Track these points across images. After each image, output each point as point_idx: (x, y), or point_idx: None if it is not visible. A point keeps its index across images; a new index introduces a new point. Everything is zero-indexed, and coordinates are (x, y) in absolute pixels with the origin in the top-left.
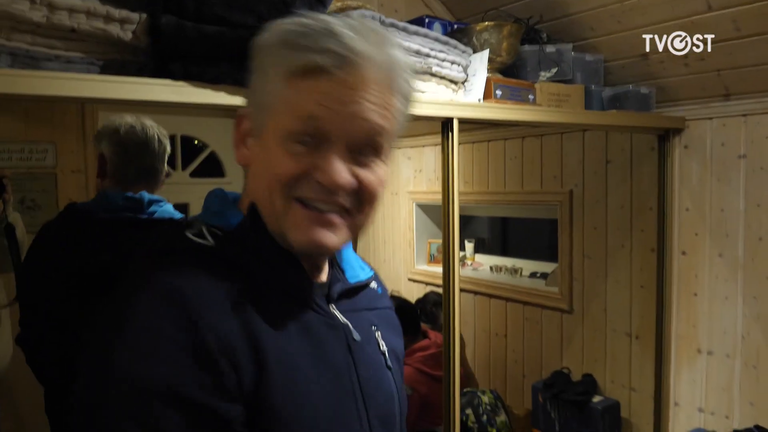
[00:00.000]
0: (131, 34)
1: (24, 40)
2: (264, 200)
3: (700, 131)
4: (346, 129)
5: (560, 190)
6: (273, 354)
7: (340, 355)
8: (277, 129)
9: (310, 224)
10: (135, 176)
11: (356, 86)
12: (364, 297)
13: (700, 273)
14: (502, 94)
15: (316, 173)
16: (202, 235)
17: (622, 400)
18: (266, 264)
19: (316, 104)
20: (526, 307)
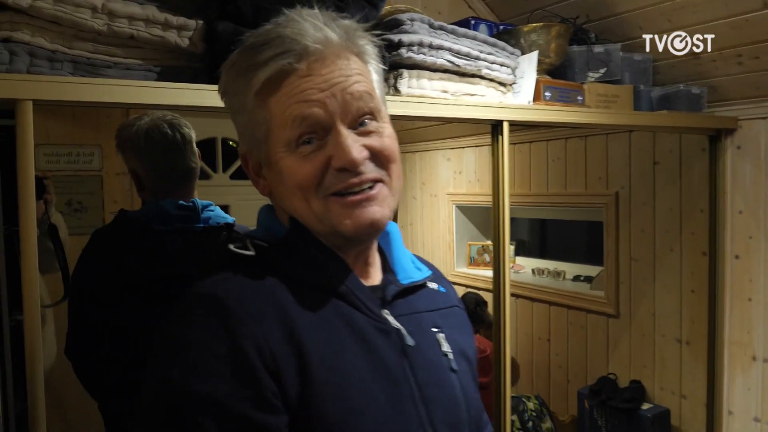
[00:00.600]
0: (188, 40)
1: (85, 48)
2: (302, 210)
3: (754, 131)
4: (336, 109)
5: (606, 192)
6: (321, 361)
7: (395, 360)
8: (279, 144)
9: (353, 209)
10: (175, 184)
11: (323, 69)
12: (423, 298)
13: (755, 277)
14: (551, 96)
15: (334, 162)
16: (245, 247)
17: (672, 407)
18: (313, 269)
19: (299, 103)
20: (570, 311)
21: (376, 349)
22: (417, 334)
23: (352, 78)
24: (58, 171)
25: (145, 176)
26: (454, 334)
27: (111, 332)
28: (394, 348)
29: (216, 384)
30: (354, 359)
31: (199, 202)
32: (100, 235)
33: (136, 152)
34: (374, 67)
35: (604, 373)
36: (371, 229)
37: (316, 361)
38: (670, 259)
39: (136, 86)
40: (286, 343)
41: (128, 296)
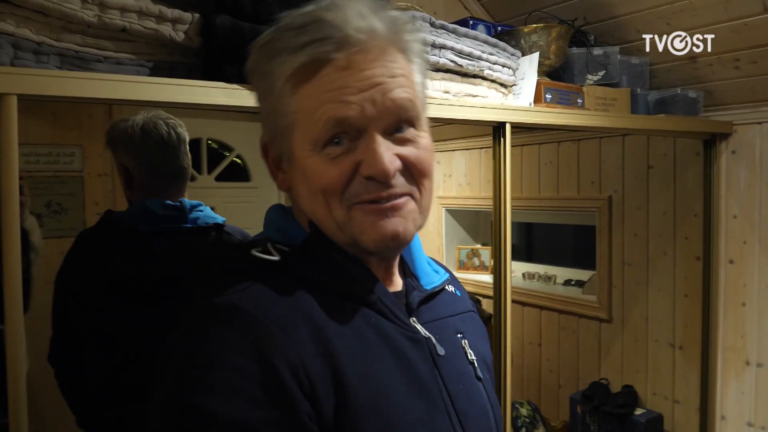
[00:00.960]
0: (183, 34)
1: (74, 41)
2: (322, 215)
3: (749, 136)
4: (375, 115)
5: (599, 196)
6: (355, 375)
7: (427, 371)
8: (305, 142)
9: (377, 220)
10: (167, 183)
11: (365, 64)
12: (443, 303)
13: (749, 282)
14: (552, 98)
15: (363, 168)
16: (268, 252)
17: (665, 412)
18: (339, 276)
19: (333, 102)
20: (562, 316)
21: (408, 360)
22: (445, 342)
23: (396, 81)
24: (38, 172)
25: (136, 172)
26: (474, 340)
27: (97, 336)
28: (426, 358)
29: (245, 408)
30: (389, 372)
31: (187, 201)
32: (85, 237)
33: (129, 146)
34: (419, 66)
35: (596, 378)
36: (393, 243)
37: (351, 375)
38: (663, 264)
39: (127, 81)
40: (320, 357)
41: (114, 299)
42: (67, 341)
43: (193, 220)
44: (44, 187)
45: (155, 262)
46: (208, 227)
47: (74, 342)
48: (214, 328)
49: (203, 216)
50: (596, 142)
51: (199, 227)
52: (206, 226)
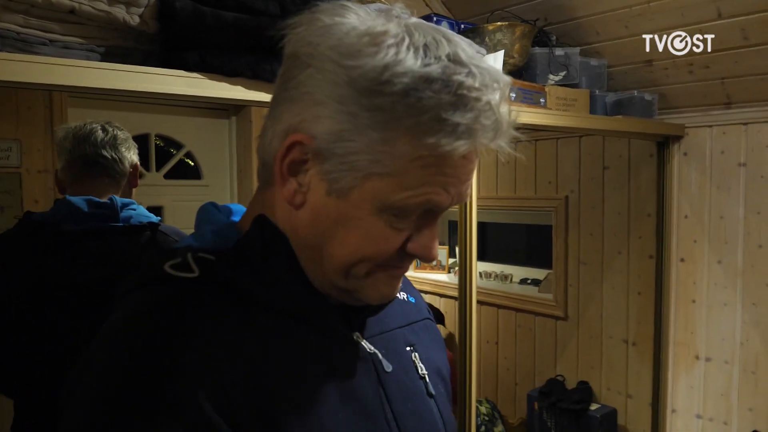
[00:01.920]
0: (138, 18)
1: (15, 21)
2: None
3: (700, 139)
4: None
5: (555, 195)
6: (286, 401)
7: (371, 390)
8: (379, 200)
9: (389, 281)
10: (82, 170)
11: (471, 159)
12: (392, 312)
13: (699, 280)
14: (516, 97)
15: (413, 247)
16: (186, 266)
17: (618, 407)
18: (272, 287)
19: (439, 187)
20: (519, 314)
21: (349, 381)
22: (392, 357)
23: (473, 176)
24: None
25: (61, 173)
26: (428, 352)
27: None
28: (370, 376)
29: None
30: (326, 396)
31: (117, 199)
32: (2, 241)
33: (59, 145)
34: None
35: (552, 375)
36: (387, 301)
37: (281, 402)
38: (617, 262)
39: (76, 66)
40: (243, 385)
41: (39, 305)
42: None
43: (125, 219)
44: None
45: (88, 264)
46: (141, 226)
47: (3, 353)
48: (117, 352)
49: (136, 215)
50: (553, 143)
51: (131, 226)
52: (140, 224)
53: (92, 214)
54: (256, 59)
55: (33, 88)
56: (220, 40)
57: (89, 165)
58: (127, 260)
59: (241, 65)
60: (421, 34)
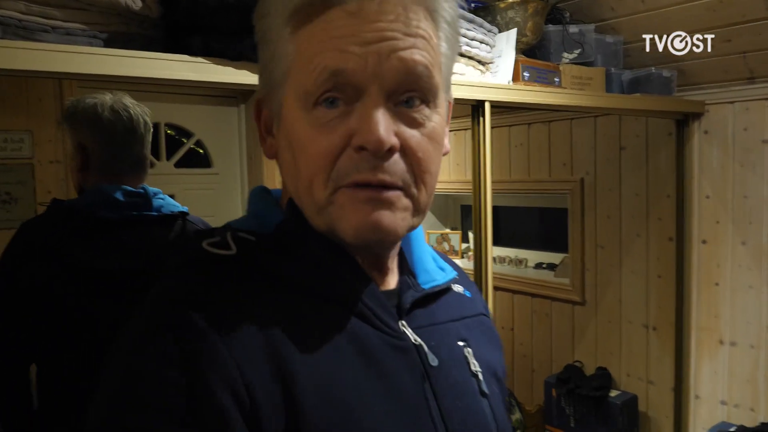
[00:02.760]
0: (141, 2)
1: (16, 8)
2: (302, 192)
3: (721, 115)
4: (378, 73)
5: (570, 178)
6: (314, 392)
7: (412, 384)
8: (296, 95)
9: (361, 206)
10: (128, 170)
11: (379, 14)
12: (447, 305)
13: (722, 262)
14: (530, 76)
15: (354, 138)
16: (224, 244)
17: (639, 393)
18: (313, 270)
19: (333, 50)
20: (535, 299)
21: (389, 373)
22: (441, 351)
23: (413, 40)
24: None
25: (96, 154)
26: (482, 349)
27: (53, 338)
28: (413, 369)
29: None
30: (361, 388)
31: (149, 189)
32: (31, 226)
33: (93, 125)
34: (447, 35)
35: (569, 361)
36: (374, 236)
37: (309, 392)
38: (636, 245)
39: (78, 53)
40: (270, 372)
41: (75, 293)
42: (9, 347)
43: (156, 208)
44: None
45: (124, 253)
46: (174, 215)
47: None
48: (148, 335)
49: (166, 204)
50: (567, 124)
51: (165, 215)
52: (172, 214)
53: (126, 203)
54: None
55: (35, 76)
56: (224, 23)
57: (136, 164)
58: (160, 250)
59: (246, 48)
60: None
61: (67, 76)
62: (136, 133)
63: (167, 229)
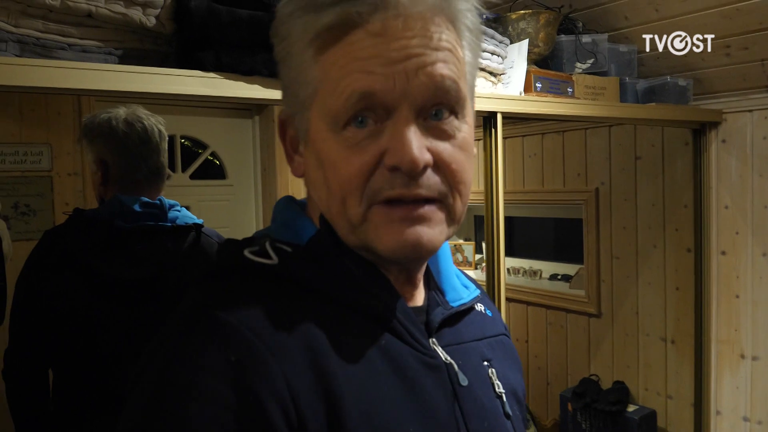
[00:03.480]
0: (154, 19)
1: (35, 27)
2: (335, 211)
3: (740, 124)
4: (407, 91)
5: (585, 188)
6: (356, 409)
7: (444, 404)
8: (324, 118)
9: (398, 223)
10: (145, 181)
11: (403, 31)
12: (470, 324)
13: (742, 274)
14: (542, 87)
15: (386, 158)
16: (265, 253)
17: (658, 408)
18: (348, 286)
19: (360, 72)
20: (549, 311)
21: (423, 390)
22: (467, 370)
23: (439, 54)
24: (4, 172)
25: (115, 168)
26: (504, 370)
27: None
28: (445, 388)
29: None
30: (397, 405)
31: (166, 201)
32: (53, 236)
33: (109, 138)
34: (470, 43)
35: (585, 375)
36: (413, 254)
37: (351, 410)
38: (653, 256)
39: (94, 70)
40: (315, 387)
41: (92, 300)
42: (30, 351)
43: (172, 219)
44: (11, 188)
45: (136, 262)
46: (188, 227)
47: (40, 352)
48: (192, 344)
49: (181, 216)
50: (581, 134)
51: (179, 226)
52: (186, 225)
53: (143, 214)
54: (272, 57)
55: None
56: (236, 39)
57: (153, 174)
58: (174, 259)
59: (257, 63)
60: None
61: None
62: (151, 142)
63: (181, 240)
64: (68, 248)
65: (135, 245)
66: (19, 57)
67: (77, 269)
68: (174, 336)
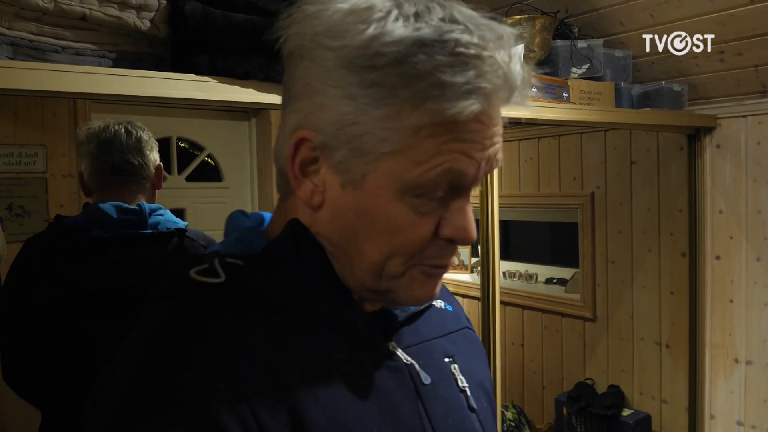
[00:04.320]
0: (149, 22)
1: (28, 29)
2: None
3: (734, 129)
4: (482, 175)
5: (581, 192)
6: (316, 413)
7: (408, 404)
8: (397, 182)
9: (428, 281)
10: (112, 181)
11: (493, 119)
12: (430, 321)
13: (736, 278)
14: (538, 92)
15: (447, 230)
16: (212, 272)
17: (653, 413)
18: (304, 293)
19: (461, 154)
20: (545, 315)
21: (386, 394)
22: (429, 369)
23: (500, 140)
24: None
25: (87, 175)
26: (468, 364)
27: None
28: (407, 389)
29: None
30: (360, 410)
31: (146, 205)
32: (32, 244)
33: (80, 148)
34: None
35: (580, 379)
36: (426, 303)
37: (311, 418)
38: (648, 261)
39: (88, 73)
40: (277, 406)
41: (70, 312)
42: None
43: (153, 225)
44: (5, 189)
45: (116, 270)
46: (169, 233)
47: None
48: (147, 366)
49: (163, 221)
50: (577, 138)
51: (159, 233)
52: (167, 231)
53: (121, 221)
54: (267, 61)
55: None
56: (231, 43)
57: (117, 173)
58: (155, 267)
59: (252, 67)
60: (411, 3)
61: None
62: (114, 142)
63: (164, 245)
64: (46, 257)
65: (114, 254)
66: (13, 60)
67: (55, 278)
68: (127, 361)
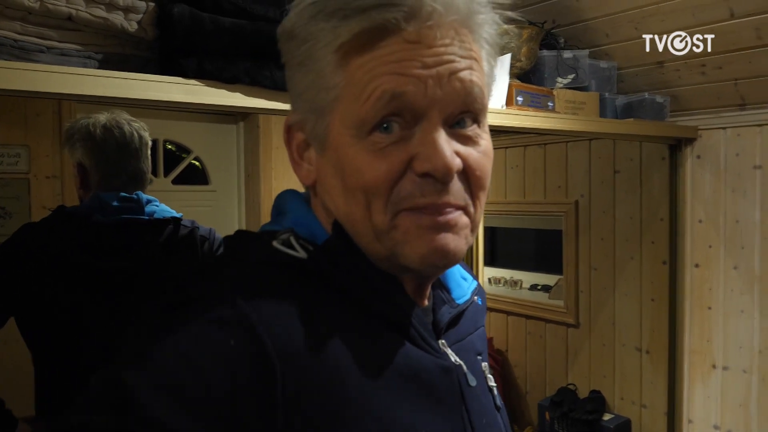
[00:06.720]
0: (136, 24)
1: (12, 28)
2: (358, 219)
3: (714, 141)
4: (438, 97)
5: (565, 200)
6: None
7: (457, 405)
8: (348, 124)
9: (426, 232)
10: (125, 184)
11: (435, 39)
12: (468, 317)
13: (715, 286)
14: (524, 101)
15: (417, 164)
16: (292, 247)
17: (633, 417)
18: (368, 291)
19: (392, 74)
20: (529, 321)
21: (438, 394)
22: (473, 370)
23: (468, 62)
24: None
25: (93, 172)
26: (486, 359)
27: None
28: (454, 390)
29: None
30: (416, 411)
31: (143, 195)
32: (31, 229)
33: (87, 143)
34: (487, 54)
35: (563, 384)
36: (441, 262)
37: (361, 415)
38: (630, 268)
39: (73, 74)
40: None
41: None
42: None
43: (149, 214)
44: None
45: (114, 252)
46: (165, 220)
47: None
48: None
49: (159, 211)
50: (563, 147)
51: (156, 219)
52: (163, 219)
53: (120, 207)
54: (254, 65)
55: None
56: (219, 46)
57: (132, 179)
58: (152, 250)
59: (240, 71)
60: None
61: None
62: (129, 147)
63: (159, 232)
64: (46, 239)
65: (113, 237)
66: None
67: (55, 259)
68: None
